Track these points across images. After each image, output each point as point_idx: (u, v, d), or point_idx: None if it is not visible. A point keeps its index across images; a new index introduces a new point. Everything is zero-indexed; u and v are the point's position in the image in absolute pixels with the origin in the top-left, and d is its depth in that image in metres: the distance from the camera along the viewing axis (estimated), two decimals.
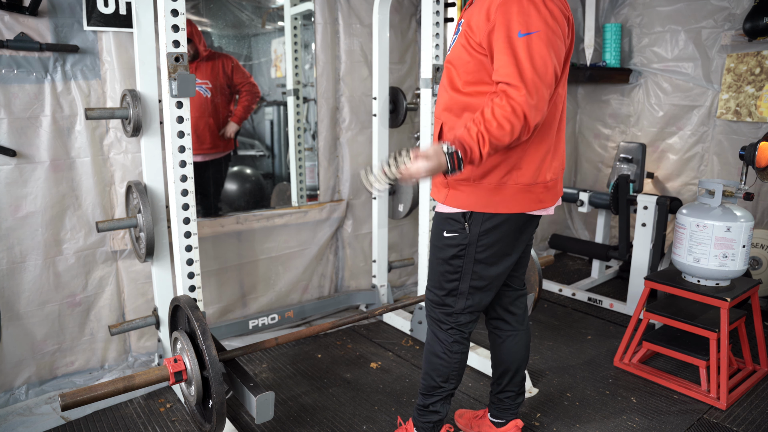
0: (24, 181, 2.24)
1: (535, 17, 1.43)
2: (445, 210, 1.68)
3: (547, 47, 1.43)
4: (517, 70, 1.41)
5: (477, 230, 1.63)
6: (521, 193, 1.60)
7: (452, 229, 1.66)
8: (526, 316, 1.95)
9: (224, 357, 2.02)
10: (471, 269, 1.67)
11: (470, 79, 1.58)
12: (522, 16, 1.43)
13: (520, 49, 1.42)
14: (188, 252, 2.05)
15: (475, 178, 1.60)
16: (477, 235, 1.63)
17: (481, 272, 1.68)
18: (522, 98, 1.40)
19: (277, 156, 3.71)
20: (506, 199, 1.60)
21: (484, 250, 1.65)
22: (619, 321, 3.15)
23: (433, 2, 2.49)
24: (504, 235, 1.65)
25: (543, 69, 1.42)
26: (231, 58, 3.15)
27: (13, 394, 2.32)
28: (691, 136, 3.61)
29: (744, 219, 2.35)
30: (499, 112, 1.41)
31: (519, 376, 1.94)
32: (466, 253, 1.65)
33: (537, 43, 1.42)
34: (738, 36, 3.28)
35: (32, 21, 2.16)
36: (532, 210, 1.64)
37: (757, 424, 2.17)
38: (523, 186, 1.60)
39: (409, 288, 3.62)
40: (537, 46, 1.42)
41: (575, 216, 4.39)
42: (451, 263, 1.68)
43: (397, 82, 3.29)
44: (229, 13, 3.36)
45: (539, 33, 1.42)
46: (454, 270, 1.68)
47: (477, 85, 1.57)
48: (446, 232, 1.67)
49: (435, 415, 1.83)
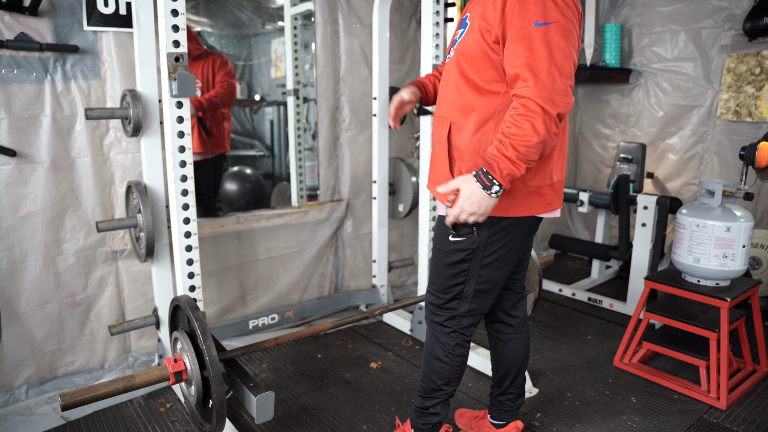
0: (24, 181, 2.24)
1: (551, 8, 1.41)
2: None
3: (565, 38, 1.41)
4: (529, 62, 1.39)
5: (486, 234, 1.60)
6: (531, 196, 1.58)
7: (459, 234, 1.62)
8: (526, 318, 1.94)
9: (224, 357, 2.02)
10: (477, 272, 1.65)
11: (483, 77, 1.53)
12: (538, 6, 1.40)
13: (536, 40, 1.39)
14: (188, 252, 2.05)
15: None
16: (486, 238, 1.60)
17: (488, 275, 1.66)
18: (532, 91, 1.38)
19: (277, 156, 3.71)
20: (516, 202, 1.57)
21: (492, 254, 1.63)
22: (619, 321, 3.15)
23: (433, 2, 2.49)
24: (512, 238, 1.63)
25: (561, 59, 1.39)
26: (221, 56, 3.10)
27: (13, 394, 2.32)
28: (691, 136, 3.61)
29: (744, 219, 2.35)
30: (514, 113, 1.40)
31: (520, 379, 1.93)
32: (474, 257, 1.63)
33: (554, 33, 1.40)
34: (738, 36, 3.28)
35: (32, 21, 2.16)
36: (541, 213, 1.62)
37: (757, 424, 2.17)
38: (532, 189, 1.57)
39: (409, 288, 3.62)
40: (555, 36, 1.39)
41: (575, 216, 4.39)
42: (457, 267, 1.65)
43: (397, 82, 3.29)
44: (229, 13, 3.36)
45: (556, 24, 1.40)
46: (460, 273, 1.66)
47: (489, 83, 1.53)
48: (453, 237, 1.63)
49: (435, 417, 1.82)
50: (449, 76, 1.63)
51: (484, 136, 1.55)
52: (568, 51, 1.41)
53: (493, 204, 1.46)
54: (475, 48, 1.52)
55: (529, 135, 1.38)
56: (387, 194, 3.13)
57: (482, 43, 1.50)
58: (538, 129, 1.38)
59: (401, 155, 3.41)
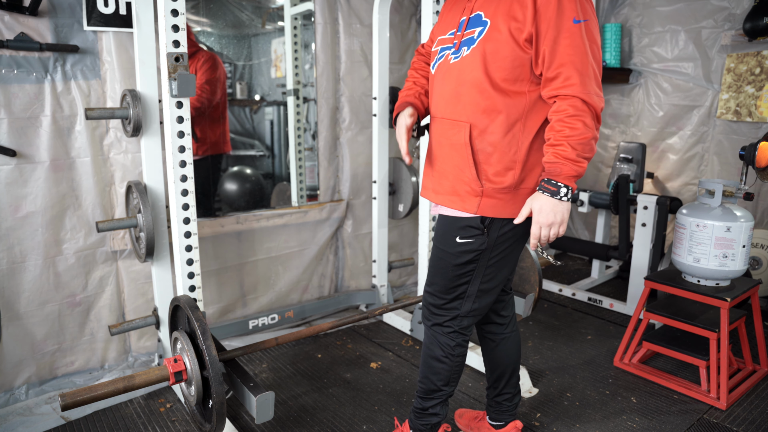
0: (24, 181, 2.24)
1: (585, 4, 1.45)
2: (461, 215, 1.61)
3: (597, 35, 1.47)
4: (573, 59, 1.41)
5: (495, 235, 1.60)
6: None
7: (468, 235, 1.61)
8: (514, 317, 1.96)
9: (224, 357, 2.02)
10: (483, 273, 1.65)
11: (507, 77, 1.50)
12: (574, 3, 1.42)
13: (576, 37, 1.41)
14: (188, 252, 2.05)
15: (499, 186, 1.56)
16: (495, 239, 1.60)
17: (492, 274, 1.66)
18: (578, 89, 1.42)
19: (277, 156, 3.71)
20: (519, 202, 1.57)
21: (498, 254, 1.63)
22: (619, 321, 3.15)
23: (433, 2, 2.49)
24: (518, 237, 1.64)
25: (598, 56, 1.46)
26: (205, 54, 3.02)
27: (13, 394, 2.32)
28: (691, 136, 3.61)
29: (744, 219, 2.35)
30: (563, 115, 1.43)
31: (515, 378, 1.94)
32: (481, 258, 1.62)
33: (590, 30, 1.44)
34: (738, 36, 3.28)
35: (32, 21, 2.16)
36: None
37: (757, 424, 2.17)
38: (533, 189, 1.57)
39: (409, 288, 3.62)
40: (591, 33, 1.44)
41: (575, 216, 4.39)
42: (464, 268, 1.65)
43: (397, 82, 3.29)
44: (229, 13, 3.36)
45: (589, 21, 1.44)
46: (466, 274, 1.65)
47: (513, 83, 1.50)
48: (460, 238, 1.62)
49: (434, 418, 1.82)
50: (461, 77, 1.56)
51: (513, 138, 1.53)
52: (598, 49, 1.48)
53: (567, 209, 1.49)
54: (504, 48, 1.48)
55: (583, 132, 1.42)
56: (387, 194, 3.13)
57: (511, 42, 1.46)
58: (589, 125, 1.44)
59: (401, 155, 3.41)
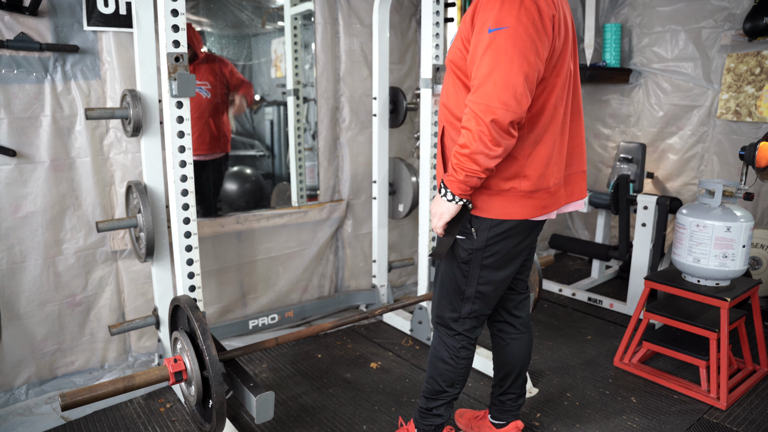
0: (24, 181, 2.24)
1: (507, 13, 1.40)
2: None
3: (515, 44, 1.39)
4: (477, 68, 1.44)
5: (485, 236, 1.62)
6: (524, 200, 1.58)
7: (462, 232, 1.65)
8: (529, 319, 1.95)
9: (224, 357, 2.02)
10: (478, 273, 1.67)
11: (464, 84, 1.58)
12: (493, 12, 1.42)
13: (481, 46, 1.44)
14: (188, 252, 2.05)
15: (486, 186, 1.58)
16: (485, 240, 1.62)
17: (487, 276, 1.68)
18: (470, 97, 1.43)
19: (277, 156, 3.72)
20: (507, 205, 1.58)
21: (490, 256, 1.65)
22: (619, 321, 3.15)
23: (433, 2, 2.49)
24: (512, 241, 1.64)
25: (506, 65, 1.38)
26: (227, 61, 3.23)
27: (13, 394, 2.32)
28: (691, 136, 3.61)
29: (744, 219, 2.35)
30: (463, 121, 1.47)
31: (521, 379, 1.94)
32: (474, 258, 1.65)
33: (504, 39, 1.40)
34: (738, 36, 3.28)
35: (32, 21, 2.16)
36: (536, 216, 1.62)
37: (757, 424, 2.17)
38: (525, 193, 1.57)
39: (409, 288, 3.62)
40: (503, 43, 1.40)
41: (575, 216, 4.39)
42: (461, 266, 1.68)
43: (397, 82, 3.29)
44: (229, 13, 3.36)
45: (508, 29, 1.40)
46: (462, 273, 1.69)
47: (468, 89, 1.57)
48: (459, 234, 1.66)
49: (438, 419, 1.83)
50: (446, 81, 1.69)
51: None
52: (516, 57, 1.39)
53: (447, 208, 1.53)
54: (458, 55, 1.58)
55: (463, 145, 1.45)
56: (387, 194, 3.13)
57: (462, 50, 1.56)
58: (473, 138, 1.42)
59: (401, 155, 3.41)
